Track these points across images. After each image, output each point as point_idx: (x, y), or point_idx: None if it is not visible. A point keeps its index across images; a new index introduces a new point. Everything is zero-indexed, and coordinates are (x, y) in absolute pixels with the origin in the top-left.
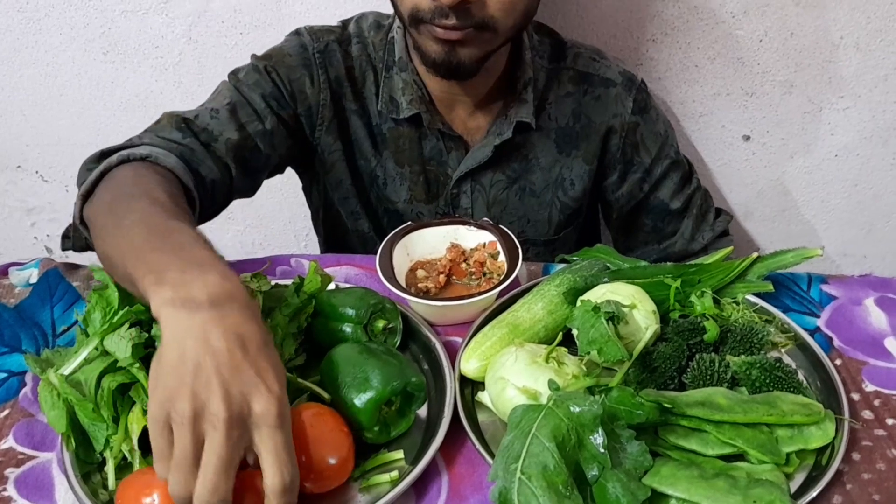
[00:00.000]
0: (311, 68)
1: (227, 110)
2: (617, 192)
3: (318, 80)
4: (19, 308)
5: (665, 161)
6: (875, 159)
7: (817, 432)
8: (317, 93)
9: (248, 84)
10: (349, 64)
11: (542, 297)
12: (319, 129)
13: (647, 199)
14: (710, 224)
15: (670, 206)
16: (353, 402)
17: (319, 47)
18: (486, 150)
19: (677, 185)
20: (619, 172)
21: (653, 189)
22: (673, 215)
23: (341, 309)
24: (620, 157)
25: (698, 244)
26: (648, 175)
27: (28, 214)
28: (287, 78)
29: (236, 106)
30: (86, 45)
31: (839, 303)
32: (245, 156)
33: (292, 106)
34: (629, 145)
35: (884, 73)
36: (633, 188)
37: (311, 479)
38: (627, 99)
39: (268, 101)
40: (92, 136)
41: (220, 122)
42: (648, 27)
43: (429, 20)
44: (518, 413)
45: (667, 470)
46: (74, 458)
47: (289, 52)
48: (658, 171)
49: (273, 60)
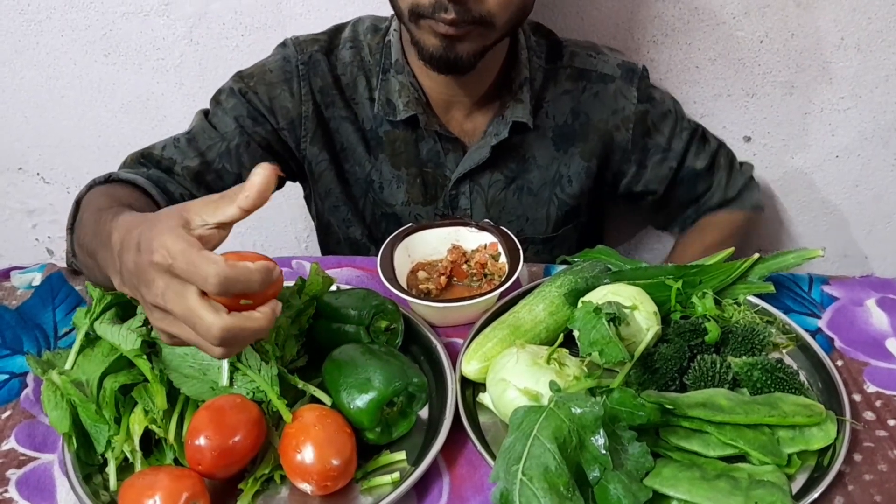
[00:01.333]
0: (291, 82)
1: (185, 139)
2: (642, 181)
3: (300, 93)
4: (21, 310)
5: (683, 134)
6: (876, 160)
7: (819, 433)
8: (298, 105)
9: (226, 108)
10: (336, 72)
11: (543, 299)
12: (304, 141)
13: (677, 174)
14: (738, 170)
15: (697, 167)
16: (355, 403)
17: (303, 59)
18: (484, 150)
19: (698, 148)
20: (636, 163)
21: (680, 163)
22: (702, 175)
23: (343, 310)
24: (633, 148)
25: (733, 190)
26: (670, 152)
27: (29, 216)
28: (267, 95)
29: (196, 134)
30: (87, 47)
31: (840, 304)
32: (208, 179)
33: (271, 123)
34: (641, 134)
35: (885, 74)
36: (660, 171)
37: (314, 480)
38: (630, 91)
39: (241, 123)
40: (93, 138)
41: (179, 150)
42: (649, 28)
43: (428, 15)
44: (519, 414)
45: (668, 471)
46: (76, 459)
47: (270, 67)
48: (678, 145)
49: (254, 80)
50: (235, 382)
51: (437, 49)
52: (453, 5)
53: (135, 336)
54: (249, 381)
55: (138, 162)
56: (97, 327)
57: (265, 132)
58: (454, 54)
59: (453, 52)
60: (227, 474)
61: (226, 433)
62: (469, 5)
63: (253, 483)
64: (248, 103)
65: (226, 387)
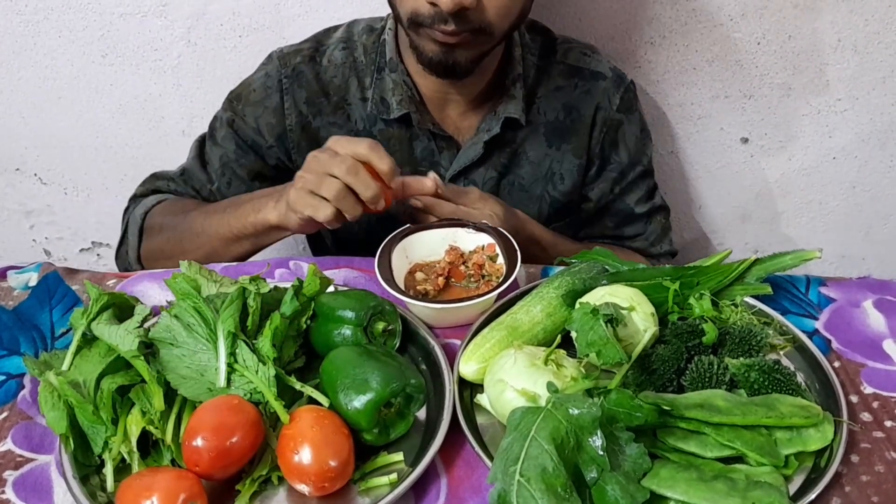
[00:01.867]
0: (273, 98)
1: (181, 177)
2: (590, 186)
3: (283, 107)
4: (18, 311)
5: (638, 168)
6: (873, 161)
7: (816, 434)
8: (282, 119)
9: (217, 140)
10: (324, 78)
11: (540, 300)
12: (294, 152)
13: (614, 202)
14: (669, 240)
15: (635, 210)
16: (353, 404)
17: (286, 72)
18: (477, 147)
19: (644, 194)
20: (596, 168)
21: (623, 192)
22: (636, 219)
23: (340, 311)
24: (599, 152)
25: (657, 248)
26: (622, 177)
27: (27, 217)
28: (252, 117)
29: (190, 175)
30: (84, 48)
31: (837, 305)
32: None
33: (261, 143)
34: (609, 142)
35: (881, 76)
36: (605, 187)
37: (312, 482)
38: (615, 95)
39: (224, 161)
40: (91, 139)
41: (179, 185)
42: (646, 30)
43: (427, 24)
44: (517, 415)
45: (665, 472)
46: (73, 460)
47: (254, 87)
48: (631, 175)
49: (241, 104)
50: (233, 383)
51: (436, 55)
52: (452, 16)
53: (132, 337)
54: (247, 381)
55: (156, 184)
56: (94, 328)
57: (249, 163)
58: (452, 60)
59: (452, 57)
60: (224, 475)
61: (223, 434)
62: (468, 16)
63: (250, 484)
64: (236, 133)
65: (223, 388)
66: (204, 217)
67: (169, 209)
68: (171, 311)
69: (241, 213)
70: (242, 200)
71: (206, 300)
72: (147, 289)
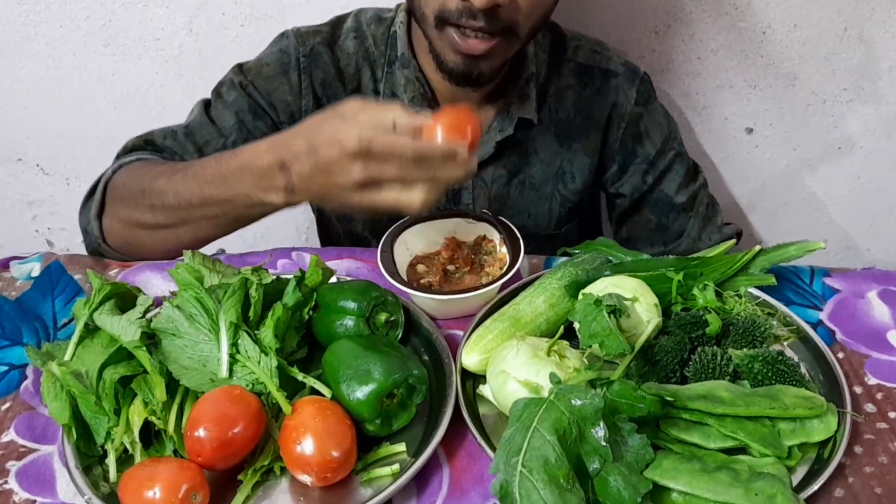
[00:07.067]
0: (290, 74)
1: (183, 133)
2: (617, 183)
3: (300, 86)
4: (20, 301)
5: (670, 153)
6: (878, 152)
7: (819, 426)
8: (298, 98)
9: (226, 101)
10: (340, 64)
11: (543, 291)
12: None
13: (651, 192)
14: (717, 226)
15: (675, 199)
16: (355, 395)
17: (305, 51)
18: (488, 146)
19: (683, 179)
20: (618, 164)
21: (657, 181)
22: (678, 211)
23: (343, 302)
24: (620, 149)
25: (705, 244)
26: (652, 167)
27: (29, 207)
28: (264, 90)
29: (194, 129)
30: (86, 38)
31: (842, 296)
32: None
33: (272, 117)
34: (630, 136)
35: (888, 65)
36: (636, 180)
37: (314, 472)
38: (630, 89)
39: (241, 117)
40: (92, 129)
41: (178, 143)
42: (651, 19)
43: (455, 21)
44: (519, 406)
45: (668, 463)
46: (76, 451)
47: (267, 61)
48: (662, 163)
49: (251, 74)
50: (235, 374)
51: (458, 65)
52: (483, 13)
53: (134, 327)
54: (249, 372)
55: (142, 147)
56: (96, 318)
57: (266, 126)
58: (477, 71)
59: (476, 68)
60: (226, 466)
61: (225, 425)
62: (498, 14)
63: (252, 474)
64: (249, 97)
65: (225, 378)
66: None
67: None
68: (173, 302)
69: (228, 185)
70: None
71: (209, 290)
72: (149, 279)
